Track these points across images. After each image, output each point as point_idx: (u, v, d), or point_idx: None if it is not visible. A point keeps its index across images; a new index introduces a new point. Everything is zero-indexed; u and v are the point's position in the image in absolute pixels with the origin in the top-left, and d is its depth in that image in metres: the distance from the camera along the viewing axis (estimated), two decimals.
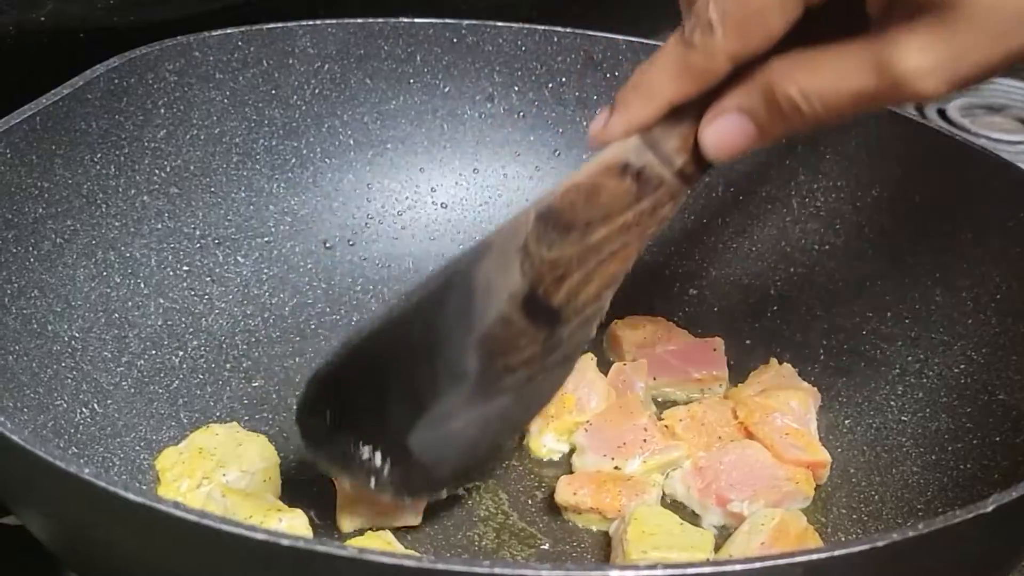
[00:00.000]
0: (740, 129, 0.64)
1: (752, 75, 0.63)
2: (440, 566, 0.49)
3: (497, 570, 0.48)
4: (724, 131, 0.64)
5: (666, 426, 0.84)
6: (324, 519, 0.77)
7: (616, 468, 0.81)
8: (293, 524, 0.72)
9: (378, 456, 0.70)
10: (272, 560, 0.51)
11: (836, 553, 0.51)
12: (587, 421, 0.83)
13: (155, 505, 0.52)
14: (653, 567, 0.49)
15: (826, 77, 0.61)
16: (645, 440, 0.82)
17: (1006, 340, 0.82)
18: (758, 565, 0.50)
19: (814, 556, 0.51)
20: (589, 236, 0.68)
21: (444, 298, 0.68)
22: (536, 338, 0.70)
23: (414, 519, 0.76)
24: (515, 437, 0.84)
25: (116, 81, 0.84)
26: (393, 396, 0.70)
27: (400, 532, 0.75)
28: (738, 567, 0.50)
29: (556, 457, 0.84)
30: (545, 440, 0.84)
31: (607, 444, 0.82)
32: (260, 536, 0.50)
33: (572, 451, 0.84)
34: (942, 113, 1.39)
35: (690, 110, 0.66)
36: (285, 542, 0.50)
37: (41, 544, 0.65)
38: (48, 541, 0.65)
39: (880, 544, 0.52)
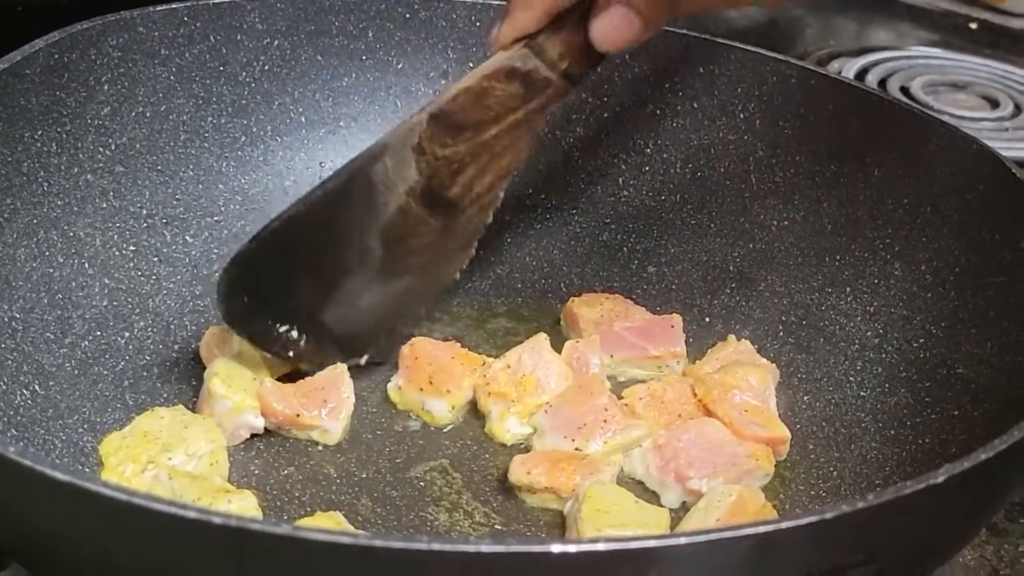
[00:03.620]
0: (626, 21, 0.72)
1: None
2: (378, 543, 0.48)
3: (435, 546, 0.47)
4: (611, 24, 0.72)
5: (626, 404, 0.83)
6: (273, 500, 0.75)
7: (577, 449, 0.79)
8: (243, 505, 0.71)
9: (294, 331, 0.78)
10: (206, 539, 0.50)
11: (784, 526, 0.50)
12: (547, 403, 0.82)
13: (84, 484, 0.50)
14: (596, 541, 0.48)
15: None
16: (605, 420, 0.81)
17: (965, 314, 0.82)
18: (704, 539, 0.49)
19: (762, 529, 0.50)
20: (481, 134, 0.77)
21: (348, 191, 0.75)
22: (434, 226, 0.79)
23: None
24: (421, 309, 0.89)
25: (57, 56, 0.82)
26: (305, 278, 0.78)
27: (351, 513, 0.74)
28: (684, 541, 0.49)
29: (520, 441, 0.83)
30: (508, 425, 0.83)
31: (568, 425, 0.81)
32: (192, 514, 0.49)
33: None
34: (905, 90, 1.39)
35: (570, 18, 0.74)
36: (217, 520, 0.48)
37: None
38: None
39: (829, 516, 0.51)
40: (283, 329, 0.77)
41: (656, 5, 0.72)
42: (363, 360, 0.85)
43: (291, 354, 0.80)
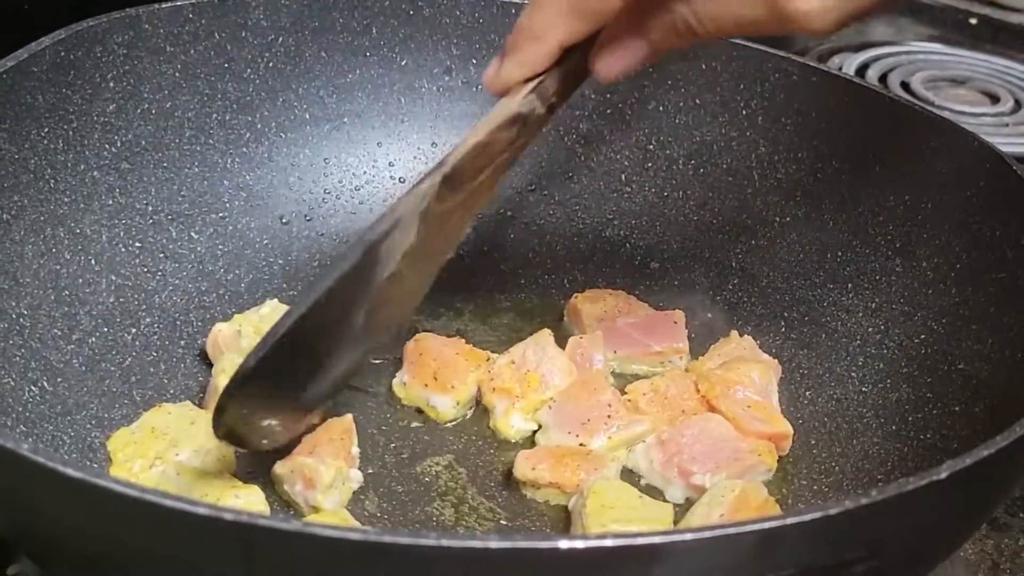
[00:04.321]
0: (632, 53, 0.69)
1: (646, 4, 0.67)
2: (386, 539, 0.48)
3: (444, 542, 0.48)
4: (619, 57, 0.69)
5: (629, 400, 0.83)
6: (279, 496, 0.76)
7: (581, 444, 0.80)
8: (250, 500, 0.72)
9: (274, 421, 0.74)
10: (216, 535, 0.50)
11: (788, 522, 0.50)
12: (551, 399, 0.83)
13: (95, 481, 0.51)
14: (603, 537, 0.48)
15: (725, 5, 0.65)
16: (609, 416, 0.81)
17: (966, 310, 0.82)
18: (709, 535, 0.50)
19: (766, 525, 0.50)
20: (475, 183, 0.72)
21: (353, 277, 0.68)
22: (412, 278, 0.73)
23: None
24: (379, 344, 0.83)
25: (63, 54, 0.82)
26: (293, 375, 0.72)
27: (357, 509, 0.74)
28: (690, 536, 0.50)
29: (525, 437, 0.83)
30: (513, 421, 0.83)
31: (572, 421, 0.81)
32: (202, 511, 0.49)
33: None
34: (906, 86, 1.39)
35: (573, 50, 0.70)
36: (228, 516, 0.49)
37: None
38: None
39: (833, 512, 0.51)
40: (265, 423, 0.73)
41: (667, 30, 0.68)
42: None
43: (266, 442, 0.75)
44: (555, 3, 0.68)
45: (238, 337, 0.83)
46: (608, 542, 0.48)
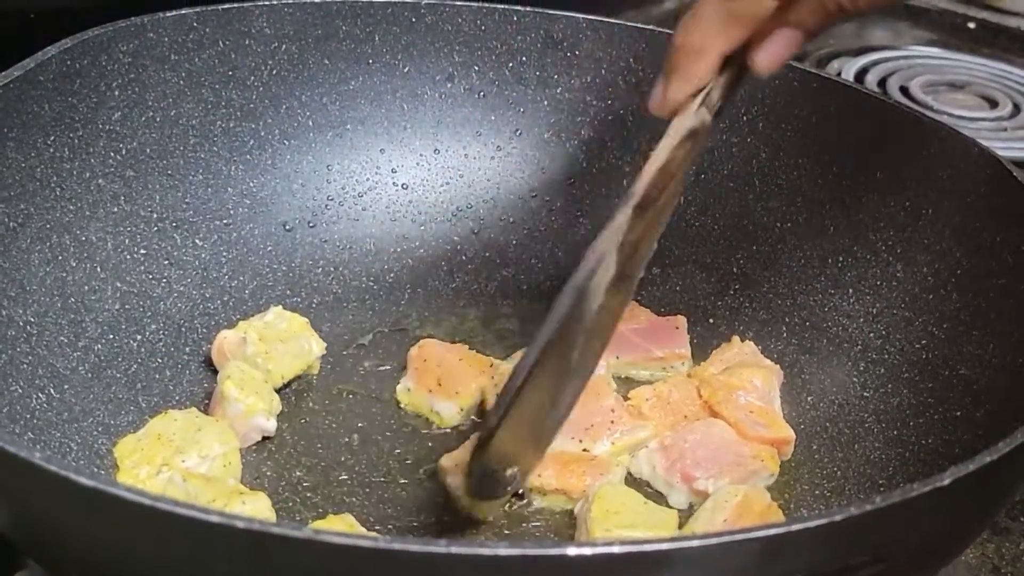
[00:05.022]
0: (793, 41, 0.72)
1: None
2: (396, 546, 0.48)
3: (454, 550, 0.48)
4: (777, 49, 0.72)
5: (632, 406, 0.84)
6: (285, 502, 0.76)
7: (585, 450, 0.80)
8: (257, 507, 0.72)
9: (516, 468, 0.74)
10: (228, 543, 0.50)
11: (793, 528, 0.51)
12: None
13: (108, 489, 0.51)
14: (610, 544, 0.49)
15: None
16: (613, 421, 0.82)
17: (967, 315, 0.82)
18: (716, 541, 0.50)
19: (772, 531, 0.51)
20: (659, 203, 0.72)
21: (568, 319, 0.67)
22: (615, 306, 0.74)
23: None
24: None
25: (69, 63, 0.83)
26: (532, 423, 0.73)
27: (362, 516, 0.75)
28: (696, 543, 0.50)
29: None
30: None
31: (575, 426, 0.81)
32: (214, 519, 0.49)
33: None
34: (905, 90, 1.40)
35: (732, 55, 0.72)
36: (240, 524, 0.49)
37: (1, 535, 0.64)
38: (7, 530, 0.64)
39: (838, 518, 0.51)
40: (509, 473, 0.74)
41: (819, 13, 0.71)
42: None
43: (510, 489, 0.76)
44: (712, 16, 0.71)
45: (243, 344, 0.84)
46: (616, 549, 0.49)
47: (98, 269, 0.84)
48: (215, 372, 0.85)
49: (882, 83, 1.42)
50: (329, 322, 0.91)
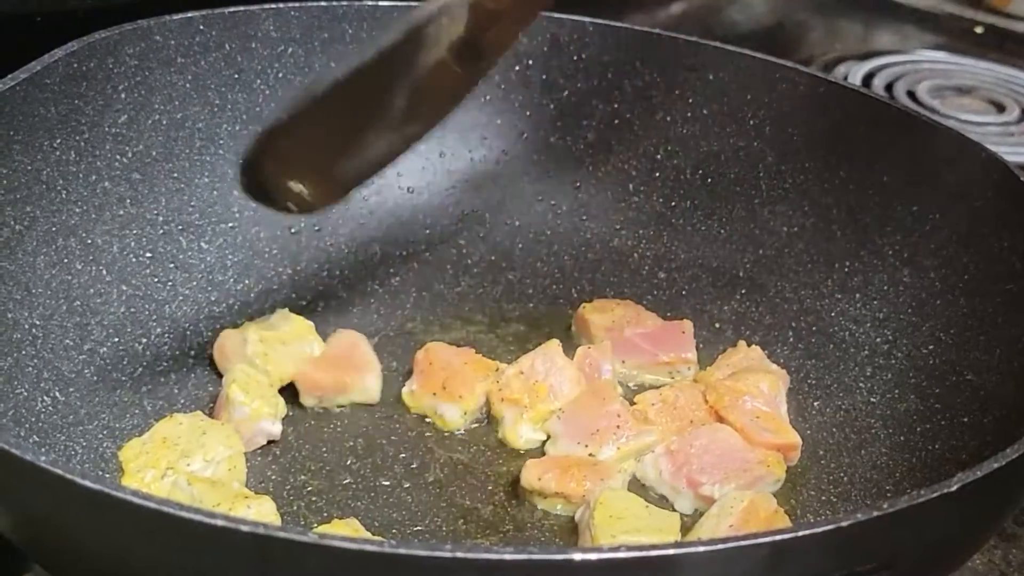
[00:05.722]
0: None
1: None
2: (401, 551, 0.48)
3: (459, 554, 0.48)
4: None
5: (638, 410, 0.84)
6: (289, 506, 0.76)
7: (591, 455, 0.80)
8: (262, 511, 0.72)
9: (303, 185, 0.75)
10: (233, 546, 0.50)
11: (801, 534, 0.51)
12: (560, 409, 0.83)
13: (113, 492, 0.51)
14: (616, 549, 0.49)
15: None
16: (618, 426, 0.81)
17: (974, 320, 0.82)
18: (723, 547, 0.50)
19: (779, 537, 0.51)
20: None
21: (394, 54, 0.71)
22: (457, 74, 0.74)
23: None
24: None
25: (75, 66, 0.83)
26: (327, 139, 0.75)
27: (367, 520, 0.75)
28: (702, 549, 0.50)
29: (533, 447, 0.83)
30: (521, 431, 0.83)
31: (581, 431, 0.81)
32: (219, 522, 0.49)
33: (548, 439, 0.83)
34: (911, 95, 1.40)
35: None
36: (245, 528, 0.49)
37: (5, 538, 0.64)
38: (11, 533, 0.64)
39: (844, 524, 0.51)
40: (294, 186, 0.75)
41: None
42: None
43: (293, 206, 0.77)
44: None
45: (243, 344, 0.84)
46: (622, 554, 0.49)
47: (103, 272, 0.84)
48: (220, 376, 0.85)
49: (889, 87, 1.42)
50: (334, 325, 0.91)
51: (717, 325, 0.94)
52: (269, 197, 0.76)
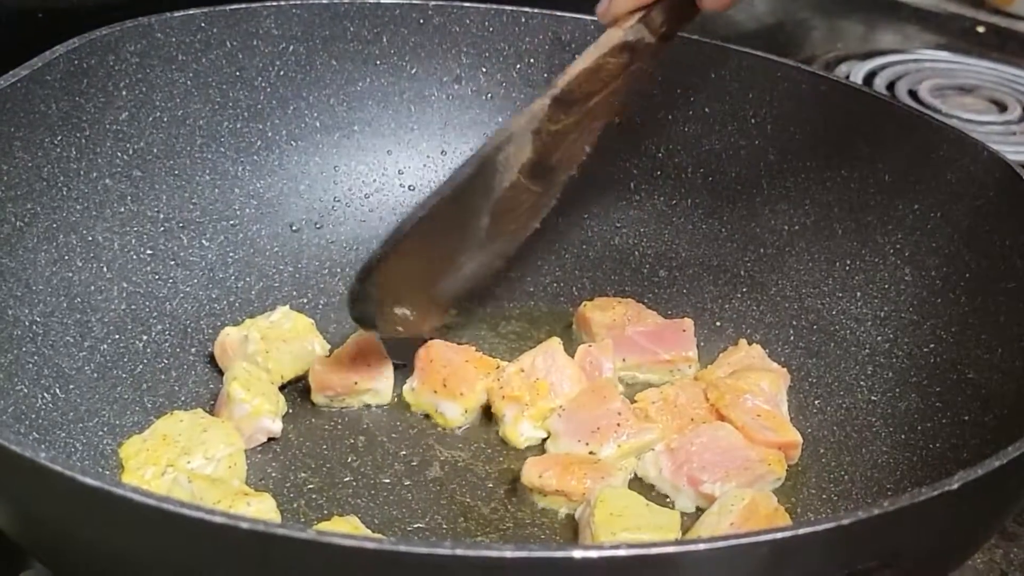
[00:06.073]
0: None
1: None
2: (401, 548, 0.48)
3: (459, 551, 0.48)
4: None
5: (639, 408, 0.84)
6: (290, 503, 0.76)
7: (591, 453, 0.80)
8: (261, 508, 0.72)
9: (407, 310, 0.83)
10: (232, 544, 0.50)
11: (801, 532, 0.51)
12: (560, 407, 0.83)
13: (113, 490, 0.51)
14: (617, 547, 0.49)
15: None
16: (619, 424, 0.81)
17: (975, 319, 0.82)
18: (723, 545, 0.50)
19: (780, 535, 0.51)
20: (587, 105, 0.81)
21: (472, 183, 0.79)
22: (535, 191, 0.82)
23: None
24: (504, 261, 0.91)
25: (76, 62, 0.83)
26: (423, 266, 0.82)
27: (367, 518, 0.75)
28: (703, 547, 0.50)
29: (534, 445, 0.83)
30: (522, 428, 0.83)
31: (581, 429, 0.81)
32: (219, 519, 0.49)
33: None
34: (913, 94, 1.40)
35: None
36: (245, 525, 0.49)
37: (5, 535, 0.64)
38: (11, 530, 0.64)
39: (846, 522, 0.51)
40: (399, 312, 0.82)
41: None
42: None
43: (401, 329, 0.84)
44: None
45: (245, 341, 0.84)
46: (622, 552, 0.49)
47: (104, 269, 0.84)
48: (221, 373, 0.85)
49: (891, 87, 1.41)
50: (335, 323, 0.91)
51: (718, 323, 0.94)
52: (377, 324, 0.82)
